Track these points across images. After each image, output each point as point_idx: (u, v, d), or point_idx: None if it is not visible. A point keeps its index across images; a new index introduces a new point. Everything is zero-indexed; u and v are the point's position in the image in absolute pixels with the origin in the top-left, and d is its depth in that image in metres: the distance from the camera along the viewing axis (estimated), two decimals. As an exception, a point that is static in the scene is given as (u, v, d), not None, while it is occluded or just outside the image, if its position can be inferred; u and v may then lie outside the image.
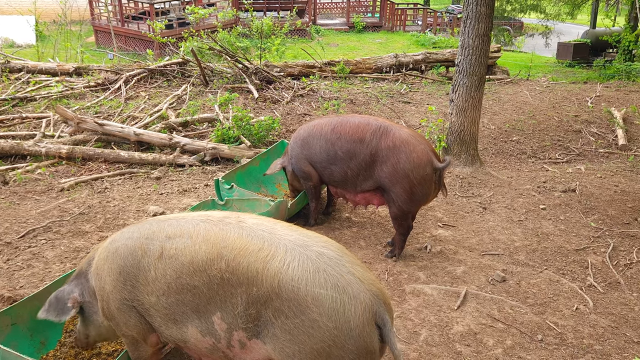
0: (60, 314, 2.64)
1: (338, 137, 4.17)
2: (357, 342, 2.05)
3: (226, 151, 6.61)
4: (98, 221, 4.65)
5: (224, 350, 2.35)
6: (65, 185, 5.48)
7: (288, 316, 2.08)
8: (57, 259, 4.02)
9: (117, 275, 2.47)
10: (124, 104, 7.83)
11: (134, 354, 2.62)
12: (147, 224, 2.57)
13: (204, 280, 2.25)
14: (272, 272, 2.11)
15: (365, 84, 10.60)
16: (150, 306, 2.44)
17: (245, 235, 2.25)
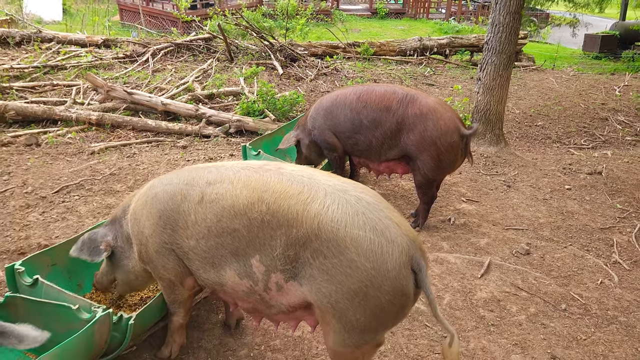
0: (93, 254, 2.73)
1: (364, 106, 4.18)
2: (393, 283, 2.09)
3: (251, 124, 6.67)
4: (128, 182, 4.76)
5: (261, 293, 2.40)
6: (96, 149, 5.60)
7: (327, 256, 2.13)
8: (90, 213, 4.13)
9: (157, 219, 2.54)
10: (151, 76, 7.93)
11: (170, 297, 2.70)
12: (186, 171, 2.63)
13: (244, 223, 2.30)
14: (312, 214, 2.16)
15: (388, 65, 10.57)
16: (189, 249, 2.50)
17: (285, 180, 2.29)
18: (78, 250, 2.75)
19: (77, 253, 2.74)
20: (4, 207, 4.13)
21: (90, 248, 2.75)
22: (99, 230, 2.82)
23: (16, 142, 5.67)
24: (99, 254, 2.74)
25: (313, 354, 2.91)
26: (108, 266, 2.89)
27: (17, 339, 2.11)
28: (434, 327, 3.21)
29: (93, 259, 2.74)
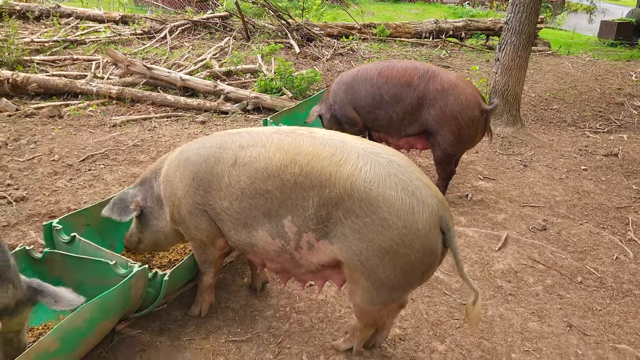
0: (123, 214, 2.80)
1: (385, 81, 4.22)
2: (423, 242, 2.17)
3: (268, 101, 6.73)
4: (151, 153, 4.86)
5: (292, 252, 2.48)
6: (117, 122, 5.69)
7: (359, 215, 2.20)
8: (116, 182, 4.24)
9: (190, 181, 2.62)
10: (169, 52, 7.98)
11: (200, 256, 2.79)
12: (217, 136, 2.70)
13: (278, 184, 2.37)
14: (345, 174, 2.23)
15: (404, 47, 10.55)
16: (221, 211, 2.57)
17: (317, 143, 2.36)
18: (109, 210, 2.83)
19: (109, 213, 2.83)
20: (32, 173, 4.24)
21: (120, 208, 2.83)
22: (129, 190, 2.90)
23: (39, 114, 5.77)
24: (128, 213, 2.81)
25: (336, 316, 3.01)
26: (137, 226, 2.98)
27: (53, 299, 2.21)
28: (452, 295, 3.30)
29: (122, 218, 2.82)
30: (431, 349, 2.82)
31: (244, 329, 2.84)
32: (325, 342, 2.79)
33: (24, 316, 2.21)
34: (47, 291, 2.20)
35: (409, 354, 2.77)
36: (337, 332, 2.88)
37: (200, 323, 2.86)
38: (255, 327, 2.87)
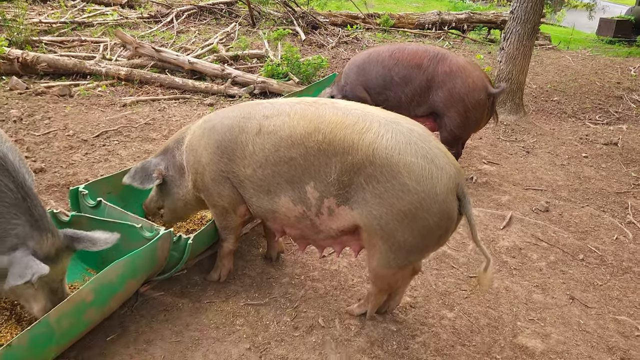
0: (144, 182, 2.89)
1: (395, 63, 4.33)
2: (441, 206, 2.28)
3: (275, 86, 6.81)
4: (163, 131, 4.94)
5: (312, 218, 2.58)
6: (127, 102, 5.77)
7: (380, 181, 2.31)
8: (130, 157, 4.33)
9: (215, 149, 2.71)
10: (175, 37, 8.04)
11: (222, 223, 2.89)
12: (241, 107, 2.80)
13: (301, 152, 2.47)
14: (367, 142, 2.33)
15: (406, 38, 10.64)
16: (244, 178, 2.67)
17: (340, 112, 2.46)
18: (131, 177, 2.91)
19: (130, 180, 2.90)
20: (49, 147, 4.32)
21: (142, 176, 2.91)
22: (152, 159, 2.99)
23: (49, 92, 5.83)
24: (151, 181, 2.90)
25: (349, 284, 3.13)
26: (157, 194, 3.08)
27: (90, 242, 2.33)
28: (459, 268, 3.42)
29: (144, 185, 2.90)
30: (440, 316, 2.95)
31: (261, 294, 2.95)
32: (340, 308, 2.91)
33: (65, 264, 2.31)
34: (82, 237, 2.31)
35: (419, 320, 2.89)
36: (351, 299, 2.99)
37: (220, 287, 2.97)
38: (272, 292, 2.98)
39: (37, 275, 2.03)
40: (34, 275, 2.03)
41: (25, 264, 2.08)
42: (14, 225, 2.17)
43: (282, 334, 2.67)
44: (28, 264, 2.08)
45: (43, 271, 2.05)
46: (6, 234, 2.16)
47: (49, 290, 2.26)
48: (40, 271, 2.04)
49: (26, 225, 2.18)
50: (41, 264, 2.08)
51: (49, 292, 2.26)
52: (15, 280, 2.05)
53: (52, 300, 2.25)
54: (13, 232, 2.16)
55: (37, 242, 2.18)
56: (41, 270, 2.05)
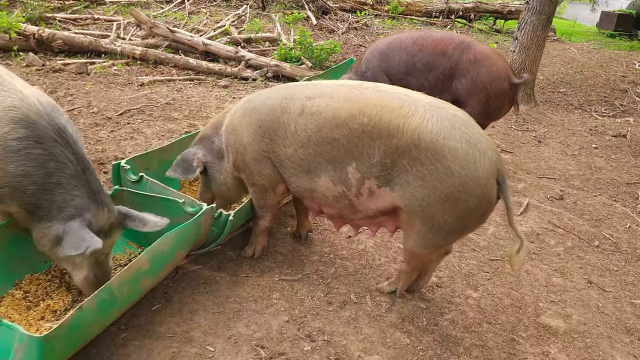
0: (186, 172, 2.93)
1: (419, 50, 4.39)
2: (482, 190, 2.37)
3: (288, 69, 6.86)
4: (184, 111, 4.99)
5: (351, 198, 2.66)
6: (145, 81, 5.80)
7: (424, 164, 2.39)
8: (155, 135, 4.38)
9: (257, 128, 2.77)
10: (187, 17, 8.03)
11: (260, 201, 2.97)
12: (282, 88, 2.86)
13: (345, 133, 2.53)
14: (412, 126, 2.40)
15: (414, 25, 10.68)
16: (285, 157, 2.73)
17: (385, 96, 2.53)
18: (173, 171, 2.93)
19: (173, 174, 2.92)
20: (75, 123, 4.36)
21: (183, 167, 2.94)
22: (189, 149, 3.02)
23: (66, 70, 5.85)
24: (192, 171, 2.93)
25: (377, 264, 3.23)
26: (203, 184, 3.13)
27: (141, 222, 2.40)
28: (481, 251, 3.53)
29: (187, 176, 2.93)
30: (466, 296, 3.06)
31: (294, 270, 3.05)
32: (369, 285, 3.01)
33: (114, 239, 2.39)
34: (134, 216, 2.39)
35: (446, 299, 3.01)
36: (379, 277, 3.10)
37: (254, 263, 3.06)
38: (304, 269, 3.08)
39: (91, 249, 2.11)
40: (87, 249, 2.10)
41: (80, 236, 2.15)
42: (73, 197, 2.24)
43: (317, 308, 2.77)
44: (83, 236, 2.15)
45: (96, 245, 2.12)
46: (65, 205, 2.23)
47: (95, 261, 2.33)
48: (93, 245, 2.12)
49: (84, 197, 2.25)
50: (95, 237, 2.15)
51: (94, 263, 2.33)
52: (70, 251, 2.13)
53: (95, 272, 2.33)
54: (72, 203, 2.24)
55: (94, 214, 2.26)
56: (94, 244, 2.12)
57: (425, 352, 2.58)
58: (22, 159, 2.19)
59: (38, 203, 2.24)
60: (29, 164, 2.20)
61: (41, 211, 2.25)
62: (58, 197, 2.24)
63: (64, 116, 2.37)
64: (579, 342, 2.80)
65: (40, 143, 2.22)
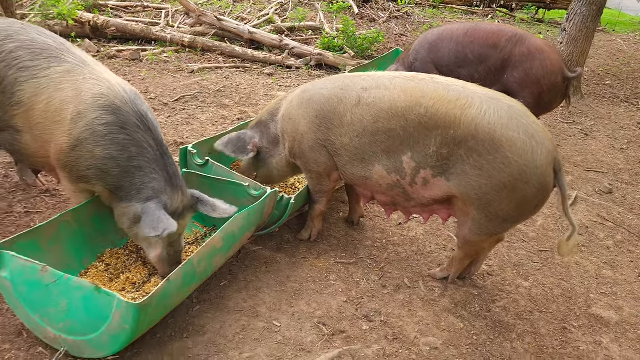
0: (238, 152, 3.07)
1: (471, 41, 4.41)
2: (539, 179, 2.44)
3: (331, 58, 6.93)
4: (234, 98, 5.15)
5: (405, 187, 2.76)
6: (195, 68, 5.97)
7: (481, 154, 2.46)
8: (209, 121, 4.55)
9: (313, 118, 2.88)
10: (232, 5, 8.17)
11: (315, 187, 3.09)
12: (337, 79, 2.95)
13: (402, 124, 2.62)
14: (469, 117, 2.48)
15: (455, 15, 10.57)
16: (341, 146, 2.85)
17: (441, 88, 2.61)
18: (223, 145, 3.08)
19: (222, 147, 3.08)
20: (134, 108, 4.57)
21: (236, 146, 3.08)
22: (247, 132, 3.16)
23: (120, 56, 6.07)
24: (246, 153, 3.08)
25: (427, 251, 3.33)
26: (251, 163, 3.26)
27: (212, 208, 2.55)
28: (530, 242, 3.59)
29: (237, 155, 3.10)
30: (517, 285, 3.13)
31: (348, 254, 3.17)
32: (422, 271, 3.11)
33: (186, 222, 2.55)
34: (206, 201, 2.54)
35: (497, 287, 3.09)
36: (431, 264, 3.19)
37: (310, 246, 3.19)
38: (358, 253, 3.20)
39: (168, 231, 2.26)
40: (164, 231, 2.25)
41: (157, 218, 2.30)
42: (151, 179, 2.40)
43: (373, 291, 2.89)
44: (160, 218, 2.30)
45: (172, 228, 2.27)
46: (144, 186, 2.39)
47: (169, 242, 2.49)
48: (170, 227, 2.26)
49: (162, 181, 2.41)
50: (171, 220, 2.30)
51: (168, 243, 2.49)
52: (149, 232, 2.28)
53: (168, 251, 2.49)
54: (150, 185, 2.40)
55: (170, 197, 2.41)
56: (171, 227, 2.27)
57: (479, 336, 2.67)
58: (108, 143, 2.36)
59: (120, 184, 2.41)
60: (114, 148, 2.37)
61: (122, 192, 2.42)
62: (137, 180, 2.40)
63: (145, 104, 2.53)
64: (631, 333, 2.84)
65: (125, 129, 2.38)
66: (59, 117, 2.39)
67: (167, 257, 2.49)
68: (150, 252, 2.51)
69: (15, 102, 2.46)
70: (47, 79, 2.42)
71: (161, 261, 2.49)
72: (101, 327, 1.98)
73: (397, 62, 5.03)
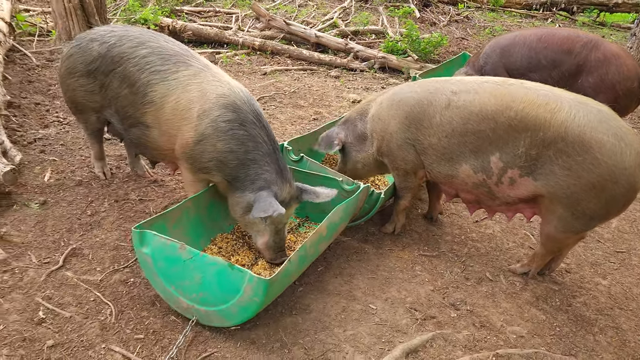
0: (327, 147, 3.37)
1: (544, 47, 4.52)
2: (628, 179, 2.56)
3: (394, 61, 7.12)
4: (309, 99, 5.42)
5: (491, 186, 2.93)
6: (267, 70, 6.29)
7: (570, 155, 2.61)
8: (287, 121, 4.83)
9: (403, 119, 3.09)
10: (297, 10, 8.49)
11: (402, 184, 3.30)
12: (427, 83, 3.15)
13: (491, 126, 2.79)
14: (559, 120, 2.63)
15: (514, 18, 10.55)
16: (429, 146, 3.04)
17: (530, 92, 2.76)
18: (317, 144, 3.43)
19: (317, 147, 3.43)
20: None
21: (326, 142, 3.39)
22: (334, 129, 3.44)
23: (198, 59, 6.45)
24: (333, 147, 3.37)
25: (506, 247, 3.48)
26: (340, 158, 3.53)
27: (315, 195, 2.80)
28: (605, 243, 3.67)
29: (327, 150, 3.40)
30: (595, 282, 3.24)
31: (430, 247, 3.37)
32: (502, 266, 3.27)
33: (292, 211, 2.82)
34: (308, 190, 2.80)
35: (576, 284, 3.21)
36: (510, 260, 3.34)
37: (394, 239, 3.41)
38: (440, 247, 3.38)
39: (277, 213, 2.52)
40: (274, 212, 2.52)
41: (268, 202, 2.57)
42: (264, 171, 2.67)
43: (456, 282, 3.07)
44: (271, 202, 2.57)
45: (281, 211, 2.54)
46: (257, 178, 2.67)
47: (275, 229, 2.75)
48: (279, 210, 2.53)
49: (273, 173, 2.68)
50: (280, 205, 2.57)
51: (274, 231, 2.75)
52: (259, 214, 2.55)
53: (274, 239, 2.76)
54: (263, 176, 2.67)
55: (279, 188, 2.68)
56: (280, 210, 2.53)
57: (562, 328, 2.81)
58: (229, 138, 2.65)
59: (236, 175, 2.70)
60: (234, 143, 2.66)
61: (237, 182, 2.71)
62: (252, 171, 2.68)
63: (257, 104, 2.81)
64: None
65: (244, 125, 2.67)
66: (186, 114, 2.70)
67: (273, 244, 2.75)
68: (258, 239, 2.78)
69: (148, 101, 2.79)
70: (176, 81, 2.74)
71: (268, 247, 2.76)
72: (232, 299, 2.26)
73: (467, 66, 5.17)
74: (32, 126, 4.18)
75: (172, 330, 2.43)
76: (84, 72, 2.98)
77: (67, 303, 2.51)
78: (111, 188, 3.49)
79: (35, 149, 3.84)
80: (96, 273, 2.73)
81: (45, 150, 3.84)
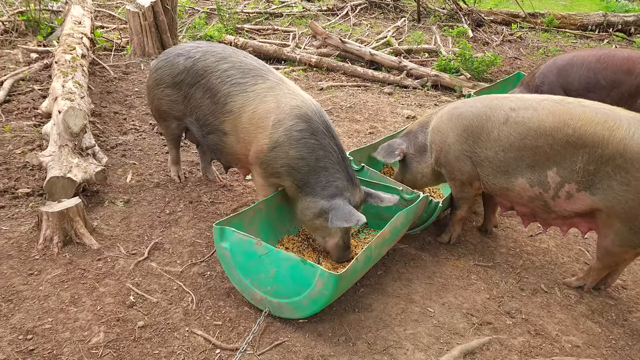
0: (387, 157, 3.55)
1: (604, 67, 4.56)
2: (687, 195, 2.64)
3: (447, 79, 7.24)
4: (364, 114, 5.63)
5: (547, 200, 3.03)
6: (324, 86, 6.56)
7: (629, 171, 2.69)
8: (345, 134, 5.05)
9: (462, 132, 3.25)
10: (352, 29, 8.77)
11: (458, 194, 3.44)
12: (486, 99, 3.30)
13: (549, 142, 2.90)
14: (618, 138, 2.72)
15: (567, 39, 10.47)
16: (485, 158, 3.18)
17: (588, 111, 2.86)
18: (377, 153, 3.62)
19: (376, 155, 3.62)
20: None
21: (387, 152, 3.58)
22: (396, 140, 3.63)
23: (258, 74, 6.80)
24: (394, 157, 3.54)
25: (560, 262, 3.54)
26: (400, 168, 3.70)
27: (379, 199, 2.99)
28: (663, 262, 3.67)
29: (387, 160, 3.58)
30: (652, 300, 3.26)
31: (485, 258, 3.47)
32: (556, 279, 3.34)
33: (360, 212, 3.01)
34: (373, 194, 2.99)
35: (632, 299, 3.24)
36: (565, 273, 3.41)
37: (450, 248, 3.54)
38: (495, 258, 3.49)
39: (361, 222, 2.71)
40: (358, 222, 2.71)
41: (348, 211, 2.75)
42: (335, 179, 2.88)
43: (511, 292, 3.17)
44: (351, 212, 2.75)
45: (363, 219, 2.72)
46: (329, 185, 2.88)
47: (344, 231, 2.95)
48: (361, 219, 2.72)
49: (344, 180, 2.89)
50: (360, 214, 2.75)
51: (344, 232, 2.95)
52: (341, 223, 2.72)
53: (343, 239, 2.95)
54: (334, 183, 2.88)
55: (352, 194, 2.88)
56: (362, 219, 2.72)
57: (617, 341, 2.86)
58: (301, 146, 2.88)
59: (307, 181, 2.92)
60: (305, 150, 2.88)
61: (308, 187, 2.92)
62: (323, 178, 2.89)
63: (327, 116, 3.04)
64: None
65: (315, 135, 2.89)
66: (262, 123, 2.96)
67: (342, 243, 2.95)
68: (329, 241, 2.97)
69: (227, 110, 3.06)
70: (254, 93, 3.01)
71: (337, 247, 2.96)
72: (303, 292, 2.46)
73: (520, 86, 5.25)
74: (113, 133, 4.57)
75: (246, 319, 2.65)
76: (170, 84, 3.30)
77: (154, 290, 2.79)
78: (185, 190, 3.79)
79: (117, 153, 4.21)
80: (177, 265, 3.01)
81: (125, 154, 4.20)
